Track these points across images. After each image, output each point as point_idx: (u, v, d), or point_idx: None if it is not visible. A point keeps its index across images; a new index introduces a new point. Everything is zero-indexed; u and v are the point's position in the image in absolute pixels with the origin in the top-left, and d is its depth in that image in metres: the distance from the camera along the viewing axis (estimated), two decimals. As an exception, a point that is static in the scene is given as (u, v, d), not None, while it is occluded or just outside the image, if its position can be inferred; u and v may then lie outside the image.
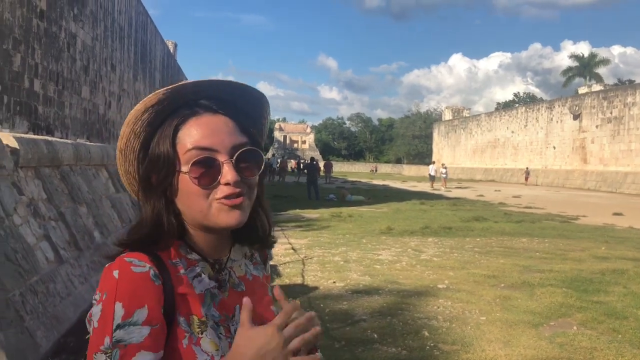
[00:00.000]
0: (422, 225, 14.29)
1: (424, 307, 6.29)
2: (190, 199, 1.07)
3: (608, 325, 5.70)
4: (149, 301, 1.00)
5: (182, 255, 1.11)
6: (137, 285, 1.00)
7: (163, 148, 1.08)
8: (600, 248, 10.92)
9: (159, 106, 1.09)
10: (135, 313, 0.98)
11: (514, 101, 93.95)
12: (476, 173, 63.42)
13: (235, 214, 1.07)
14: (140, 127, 1.11)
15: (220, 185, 1.06)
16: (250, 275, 1.22)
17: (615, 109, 42.28)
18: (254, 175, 1.11)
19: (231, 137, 1.09)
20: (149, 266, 1.03)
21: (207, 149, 1.06)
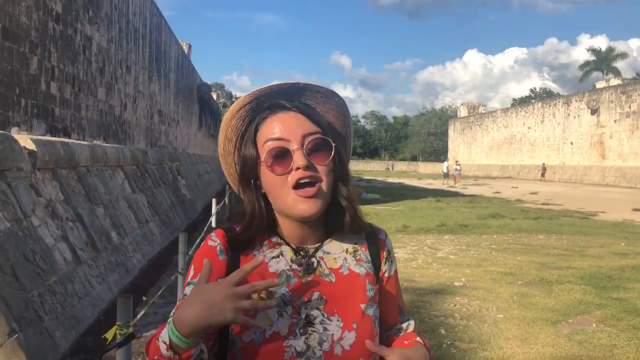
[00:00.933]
0: (438, 222, 14.23)
1: (440, 305, 6.25)
2: (272, 189, 1.21)
3: (628, 322, 5.63)
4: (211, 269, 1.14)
5: (266, 238, 1.27)
6: (206, 255, 1.21)
7: (248, 147, 1.24)
8: (620, 244, 10.78)
9: (243, 112, 1.27)
10: (199, 276, 1.12)
11: (530, 97, 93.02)
12: (492, 170, 62.97)
13: (310, 204, 1.17)
14: (231, 132, 1.29)
15: (293, 171, 1.17)
16: (347, 269, 1.27)
17: (634, 103, 41.69)
18: (324, 161, 1.20)
19: (301, 128, 1.20)
20: (219, 242, 1.24)
21: (280, 139, 1.19)
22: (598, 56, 66.02)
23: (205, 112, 31.70)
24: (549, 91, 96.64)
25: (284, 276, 1.21)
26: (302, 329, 1.18)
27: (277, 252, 1.25)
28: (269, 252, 1.25)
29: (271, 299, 1.17)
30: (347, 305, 1.22)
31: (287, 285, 1.20)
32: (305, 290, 1.21)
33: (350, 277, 1.26)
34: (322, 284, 1.23)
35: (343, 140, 1.33)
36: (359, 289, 1.26)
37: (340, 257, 1.28)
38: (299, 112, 1.23)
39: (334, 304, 1.21)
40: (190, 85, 26.48)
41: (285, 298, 1.19)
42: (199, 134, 29.97)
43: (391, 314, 1.35)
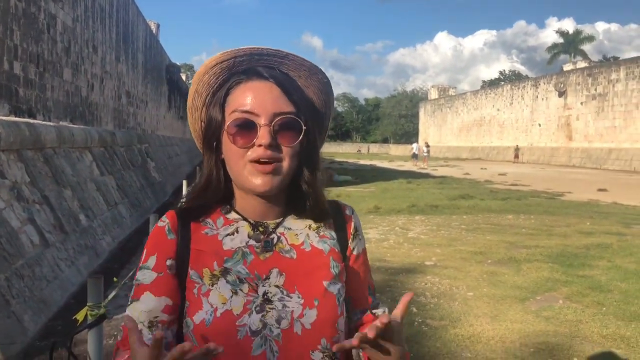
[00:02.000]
0: (409, 203, 14.36)
1: (411, 284, 6.33)
2: (230, 157, 1.16)
3: (593, 298, 5.78)
4: (159, 251, 1.17)
5: (221, 214, 1.22)
6: (156, 237, 1.19)
7: (215, 109, 1.18)
8: (585, 223, 11.05)
9: (217, 69, 1.20)
10: (150, 259, 1.17)
11: (500, 79, 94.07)
12: (462, 152, 63.72)
13: (265, 180, 1.12)
14: (202, 87, 1.21)
15: (255, 147, 1.12)
16: (309, 246, 1.21)
17: (599, 86, 42.53)
18: (291, 143, 1.14)
19: (274, 104, 1.13)
20: (167, 222, 1.19)
21: (248, 112, 1.13)
22: (566, 39, 66.97)
23: (174, 94, 31.22)
24: (517, 74, 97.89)
25: (239, 253, 1.16)
26: (259, 306, 1.12)
27: (232, 228, 1.19)
28: (223, 230, 1.19)
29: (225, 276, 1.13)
30: (309, 281, 1.16)
31: (244, 262, 1.15)
32: (264, 267, 1.16)
33: (312, 253, 1.20)
34: (282, 260, 1.17)
35: (320, 121, 1.27)
36: (322, 265, 1.19)
37: (302, 233, 1.22)
38: (276, 83, 1.15)
39: (295, 281, 1.15)
40: (158, 66, 26.01)
41: (241, 275, 1.14)
42: (169, 116, 29.54)
43: (361, 295, 1.29)
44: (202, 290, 1.12)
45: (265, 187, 1.12)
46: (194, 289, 1.13)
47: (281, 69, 1.20)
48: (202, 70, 1.20)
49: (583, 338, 4.69)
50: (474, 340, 4.61)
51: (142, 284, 1.16)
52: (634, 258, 7.62)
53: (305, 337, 1.11)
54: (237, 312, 1.10)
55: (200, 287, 1.13)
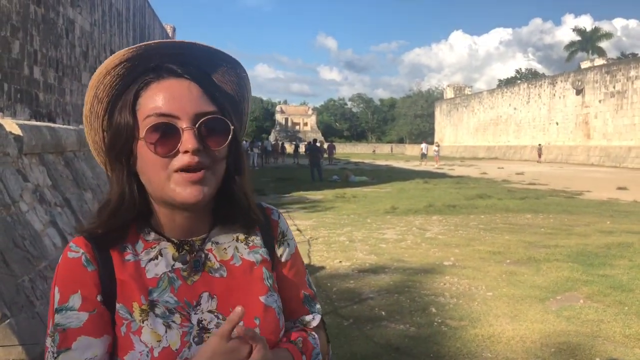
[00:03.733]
0: (426, 203, 14.30)
1: (430, 284, 6.31)
2: (149, 169, 0.99)
3: (614, 297, 5.72)
4: (82, 287, 0.99)
5: (138, 236, 1.05)
6: (71, 271, 1.00)
7: (123, 115, 1.00)
8: (605, 222, 10.92)
9: (121, 69, 1.03)
10: (70, 298, 0.98)
11: (516, 78, 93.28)
12: (479, 151, 63.31)
13: (195, 190, 0.98)
14: (102, 91, 1.03)
15: (180, 154, 0.97)
16: (239, 259, 1.11)
17: (618, 83, 42.00)
18: (219, 146, 1.01)
19: (195, 103, 1.00)
20: (82, 251, 1.00)
21: (166, 115, 0.98)
22: (583, 36, 66.27)
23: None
24: (534, 72, 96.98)
25: (165, 280, 1.02)
26: (197, 337, 1.01)
27: (154, 252, 1.04)
28: (144, 254, 1.04)
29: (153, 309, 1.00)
30: (245, 300, 1.06)
31: (171, 289, 1.02)
32: (192, 292, 1.04)
33: (244, 267, 1.10)
34: (212, 281, 1.06)
35: (240, 120, 1.14)
36: (256, 279, 1.10)
37: (230, 246, 1.11)
38: (193, 80, 1.02)
39: (229, 302, 1.04)
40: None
41: (169, 305, 1.01)
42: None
43: (294, 304, 1.18)
44: (132, 328, 0.99)
45: (197, 198, 0.98)
46: (122, 326, 0.99)
47: (195, 64, 1.06)
48: (102, 72, 1.02)
49: (605, 338, 4.64)
50: (494, 341, 4.59)
51: (69, 328, 0.96)
52: (655, 257, 7.52)
53: None
54: (175, 348, 0.98)
55: (129, 324, 0.99)
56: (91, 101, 1.04)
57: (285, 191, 18.11)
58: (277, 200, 15.55)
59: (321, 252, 8.09)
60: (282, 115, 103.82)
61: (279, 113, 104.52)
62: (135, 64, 1.02)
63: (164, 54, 1.03)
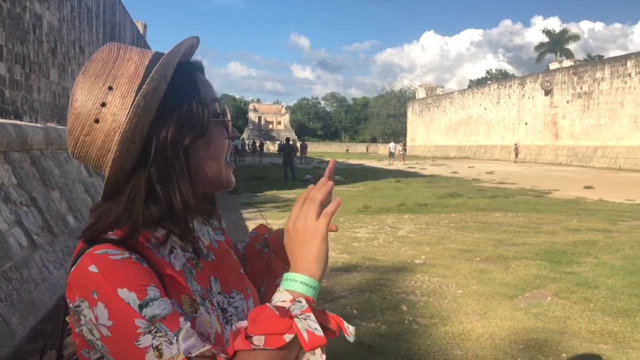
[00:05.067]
0: (398, 202, 14.41)
1: (402, 283, 6.36)
2: (218, 153, 1.02)
3: (580, 294, 5.85)
4: (151, 280, 0.90)
5: (149, 235, 0.99)
6: (127, 269, 0.89)
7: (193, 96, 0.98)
8: (572, 221, 11.15)
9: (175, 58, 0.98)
10: (148, 290, 0.88)
11: (486, 78, 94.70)
12: (450, 150, 64.02)
13: (232, 175, 1.08)
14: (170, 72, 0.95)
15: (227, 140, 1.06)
16: (216, 242, 1.15)
17: (585, 84, 42.93)
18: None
19: None
20: (128, 253, 0.91)
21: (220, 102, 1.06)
22: (552, 38, 67.60)
23: (162, 94, 31.03)
24: (504, 72, 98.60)
25: (187, 271, 1.01)
26: (224, 318, 1.03)
27: (169, 246, 1.01)
28: (163, 250, 1.00)
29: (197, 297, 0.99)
30: (234, 276, 1.12)
31: (193, 278, 1.02)
32: (204, 278, 1.05)
33: (220, 248, 1.14)
34: (209, 265, 1.08)
35: None
36: (231, 256, 1.17)
37: (204, 231, 1.14)
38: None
39: (227, 281, 1.09)
40: (146, 66, 25.86)
41: (200, 293, 1.00)
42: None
43: None
44: None
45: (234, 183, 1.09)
46: None
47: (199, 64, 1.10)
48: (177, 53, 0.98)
49: (571, 334, 4.74)
50: (464, 338, 4.64)
51: (168, 314, 0.88)
52: (620, 255, 7.71)
53: None
54: (220, 331, 0.99)
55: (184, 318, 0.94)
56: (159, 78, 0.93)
57: (258, 190, 18.04)
58: (250, 199, 15.49)
59: (293, 251, 8.07)
60: (255, 114, 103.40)
61: (252, 112, 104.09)
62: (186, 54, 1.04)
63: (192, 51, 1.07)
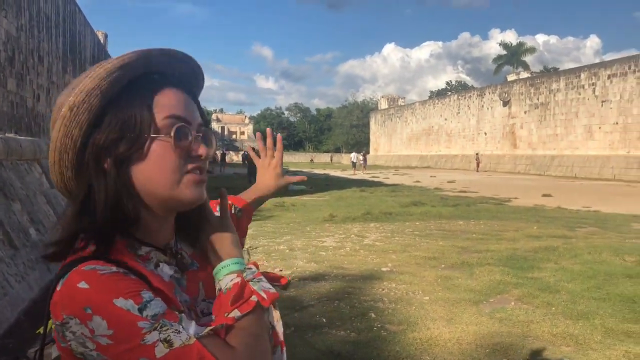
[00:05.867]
0: (364, 211, 14.52)
1: (369, 290, 6.42)
2: (160, 170, 0.98)
3: (542, 299, 6.01)
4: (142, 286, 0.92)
5: (131, 254, 1.00)
6: (117, 281, 0.90)
7: (138, 110, 0.98)
8: (533, 228, 11.45)
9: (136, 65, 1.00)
10: (142, 295, 0.90)
11: (447, 89, 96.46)
12: (412, 160, 64.83)
13: (201, 191, 1.04)
14: (108, 84, 0.96)
15: (191, 158, 1.01)
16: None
17: (541, 95, 44.20)
18: (211, 154, 1.07)
19: (196, 113, 1.06)
20: (115, 267, 0.92)
21: (184, 119, 1.01)
22: (509, 50, 69.45)
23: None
24: (463, 84, 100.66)
25: (175, 282, 1.05)
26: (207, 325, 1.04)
27: (153, 262, 1.03)
28: (147, 265, 1.01)
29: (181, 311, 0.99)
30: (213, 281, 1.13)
31: (181, 289, 1.06)
32: (191, 287, 1.09)
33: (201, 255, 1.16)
34: (194, 274, 1.11)
35: None
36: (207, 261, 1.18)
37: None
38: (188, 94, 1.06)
39: (210, 288, 1.10)
40: (107, 76, 25.44)
41: (187, 304, 1.04)
42: (118, 127, 28.87)
43: None
44: None
45: (201, 199, 1.04)
46: None
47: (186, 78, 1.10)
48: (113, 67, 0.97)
49: (535, 337, 4.87)
50: (432, 343, 4.72)
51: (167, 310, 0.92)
52: (578, 260, 7.95)
53: None
54: None
55: None
56: (88, 91, 0.96)
57: (222, 201, 17.87)
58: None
59: (261, 262, 8.07)
60: (219, 124, 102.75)
61: (215, 121, 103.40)
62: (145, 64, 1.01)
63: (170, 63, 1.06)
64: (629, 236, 10.48)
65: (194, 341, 0.90)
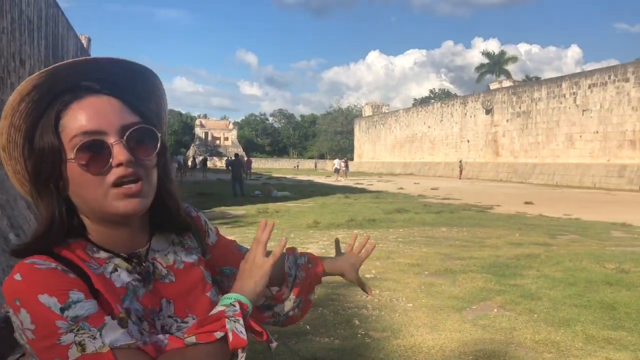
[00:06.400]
0: (348, 218, 14.53)
1: (353, 297, 6.42)
2: (82, 188, 0.99)
3: (524, 306, 6.05)
4: (75, 286, 0.93)
5: (88, 256, 1.02)
6: (50, 277, 0.92)
7: (46, 139, 0.99)
8: (515, 235, 11.54)
9: (36, 94, 1.00)
10: (70, 294, 0.91)
11: (430, 97, 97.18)
12: (396, 167, 65.11)
13: (134, 201, 1.00)
14: (18, 119, 1.00)
15: (113, 168, 0.98)
16: (181, 263, 1.15)
17: (523, 104, 44.71)
18: (150, 155, 1.03)
19: (119, 116, 1.01)
20: (55, 264, 0.95)
21: (93, 132, 0.98)
22: (491, 59, 70.20)
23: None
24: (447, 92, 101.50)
25: (130, 289, 1.03)
26: None
27: (111, 266, 1.04)
28: (103, 269, 1.03)
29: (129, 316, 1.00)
30: (195, 299, 1.12)
31: (137, 298, 1.03)
32: (154, 299, 1.07)
33: (187, 269, 1.15)
34: (164, 287, 1.09)
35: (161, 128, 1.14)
36: (200, 278, 1.16)
37: (170, 251, 1.15)
38: (112, 95, 1.02)
39: (183, 304, 1.10)
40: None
41: (139, 314, 1.02)
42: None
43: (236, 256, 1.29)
44: None
45: (136, 209, 1.00)
46: None
47: (112, 79, 1.06)
48: (16, 99, 0.99)
49: (517, 344, 4.90)
50: (416, 351, 4.73)
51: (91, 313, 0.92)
52: (560, 267, 8.02)
53: None
54: None
55: None
56: (7, 130, 1.01)
57: (206, 206, 17.80)
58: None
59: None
60: (202, 130, 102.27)
61: (199, 127, 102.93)
62: (51, 87, 1.00)
63: (79, 73, 1.02)
64: (609, 244, 10.62)
65: (107, 350, 0.90)
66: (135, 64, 1.07)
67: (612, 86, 36.10)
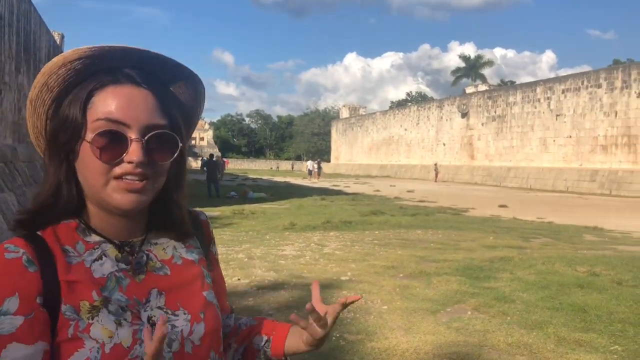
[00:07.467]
0: (324, 220, 14.52)
1: (328, 299, 6.39)
2: (88, 170, 0.99)
3: (498, 308, 6.10)
4: (21, 289, 0.93)
5: (78, 237, 1.03)
6: (7, 272, 0.93)
7: (73, 110, 0.99)
8: (489, 238, 11.65)
9: (79, 64, 1.00)
10: (6, 302, 0.91)
11: (407, 100, 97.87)
12: (372, 169, 65.37)
13: (132, 197, 0.99)
14: (54, 81, 1.00)
15: (124, 162, 0.98)
16: (180, 259, 1.13)
17: (499, 108, 45.27)
18: (164, 160, 1.02)
19: (148, 114, 1.00)
20: (23, 252, 0.95)
21: (118, 121, 0.98)
22: (467, 63, 70.96)
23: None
24: (423, 95, 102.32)
25: (113, 280, 1.02)
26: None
27: (97, 253, 1.03)
28: (87, 255, 1.02)
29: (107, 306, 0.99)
30: (190, 295, 1.10)
31: (120, 288, 1.02)
32: (142, 290, 1.05)
33: (185, 265, 1.13)
34: (157, 279, 1.08)
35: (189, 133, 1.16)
36: (197, 276, 1.14)
37: (169, 246, 1.13)
38: (151, 91, 1.02)
39: (176, 298, 1.07)
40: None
41: (121, 303, 1.00)
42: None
43: (223, 299, 1.25)
44: (81, 327, 0.96)
45: (131, 206, 0.99)
46: (69, 327, 0.95)
47: (158, 75, 1.07)
48: (58, 61, 1.00)
49: (491, 347, 4.93)
50: (390, 353, 4.72)
51: (1, 335, 0.90)
52: (533, 270, 8.11)
53: (196, 354, 1.06)
54: (127, 345, 0.97)
55: (77, 324, 0.96)
56: (40, 87, 1.01)
57: (180, 207, 17.61)
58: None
59: (219, 270, 7.94)
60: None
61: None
62: (95, 63, 1.00)
63: (127, 59, 1.02)
64: (581, 247, 10.79)
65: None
66: (185, 68, 1.09)
67: (585, 92, 36.77)
